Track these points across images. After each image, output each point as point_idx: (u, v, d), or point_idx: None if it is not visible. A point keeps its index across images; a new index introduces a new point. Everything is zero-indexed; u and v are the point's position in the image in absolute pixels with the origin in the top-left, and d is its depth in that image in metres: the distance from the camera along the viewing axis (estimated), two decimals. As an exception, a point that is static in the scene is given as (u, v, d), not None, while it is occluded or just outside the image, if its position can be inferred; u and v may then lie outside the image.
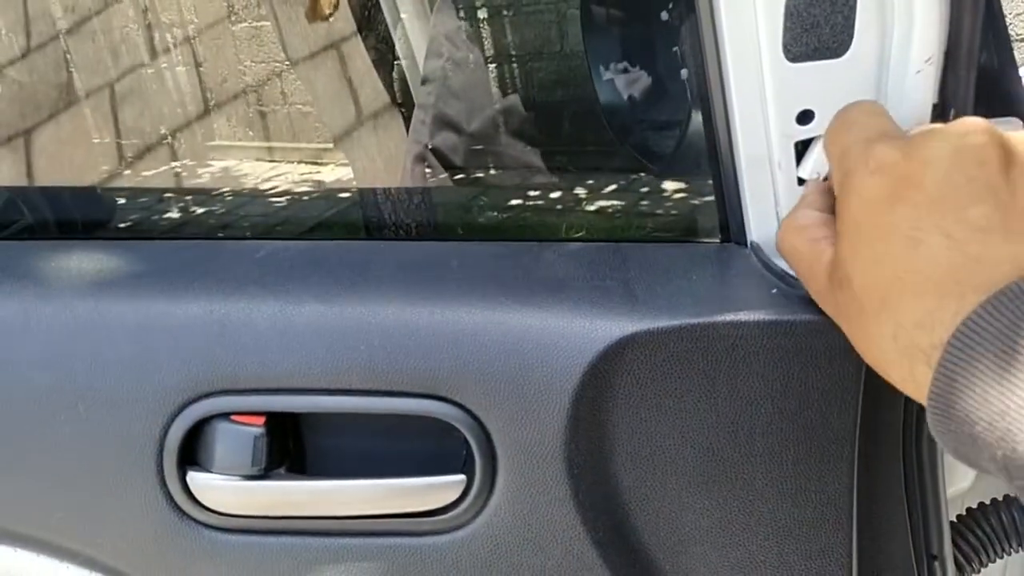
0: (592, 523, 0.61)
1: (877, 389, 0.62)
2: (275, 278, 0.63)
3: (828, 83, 0.60)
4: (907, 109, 0.60)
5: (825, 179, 0.61)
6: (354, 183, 0.86)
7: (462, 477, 0.61)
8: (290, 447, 0.63)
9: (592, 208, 0.77)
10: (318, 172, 0.91)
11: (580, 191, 0.81)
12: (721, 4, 0.57)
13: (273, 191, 0.80)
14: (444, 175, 0.87)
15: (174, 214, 0.79)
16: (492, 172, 0.89)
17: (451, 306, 0.61)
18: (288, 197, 0.80)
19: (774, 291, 0.60)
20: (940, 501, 0.67)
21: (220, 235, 0.76)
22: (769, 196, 0.64)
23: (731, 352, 0.58)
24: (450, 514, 0.61)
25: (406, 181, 0.91)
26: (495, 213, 0.78)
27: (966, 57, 0.59)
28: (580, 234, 0.73)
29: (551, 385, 0.59)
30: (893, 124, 0.52)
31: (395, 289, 0.62)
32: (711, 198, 0.68)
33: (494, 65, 0.90)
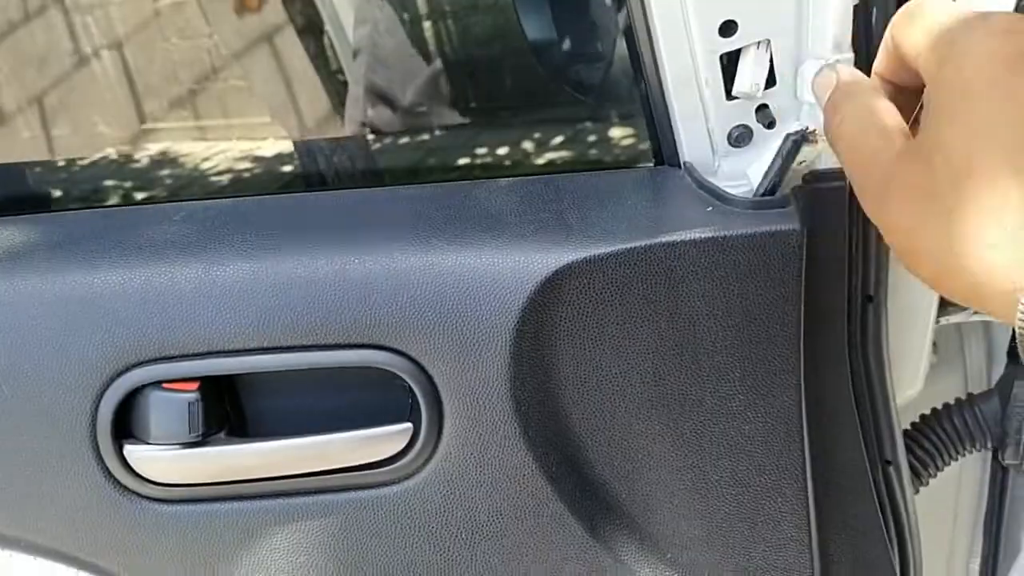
0: (544, 459, 0.60)
1: (818, 299, 0.62)
2: (197, 239, 0.61)
3: (748, -9, 0.58)
4: (831, 12, 0.58)
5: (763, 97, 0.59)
6: (274, 137, 0.83)
7: (408, 425, 0.60)
8: (228, 411, 0.61)
9: (525, 145, 0.75)
10: (258, 147, 0.88)
11: (513, 130, 0.79)
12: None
13: (186, 154, 0.76)
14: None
15: (87, 184, 0.76)
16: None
17: (382, 253, 0.59)
18: (206, 157, 0.76)
19: (709, 209, 0.59)
20: (890, 407, 0.68)
21: (136, 201, 0.73)
22: (699, 115, 0.62)
23: (669, 274, 0.57)
24: (399, 463, 0.60)
25: None
26: (425, 157, 0.76)
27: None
28: (513, 171, 0.71)
29: (490, 324, 0.58)
30: None
31: (323, 240, 0.60)
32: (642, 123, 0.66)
33: (422, 25, 0.87)
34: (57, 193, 0.76)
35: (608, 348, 0.59)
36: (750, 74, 0.60)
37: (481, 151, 0.77)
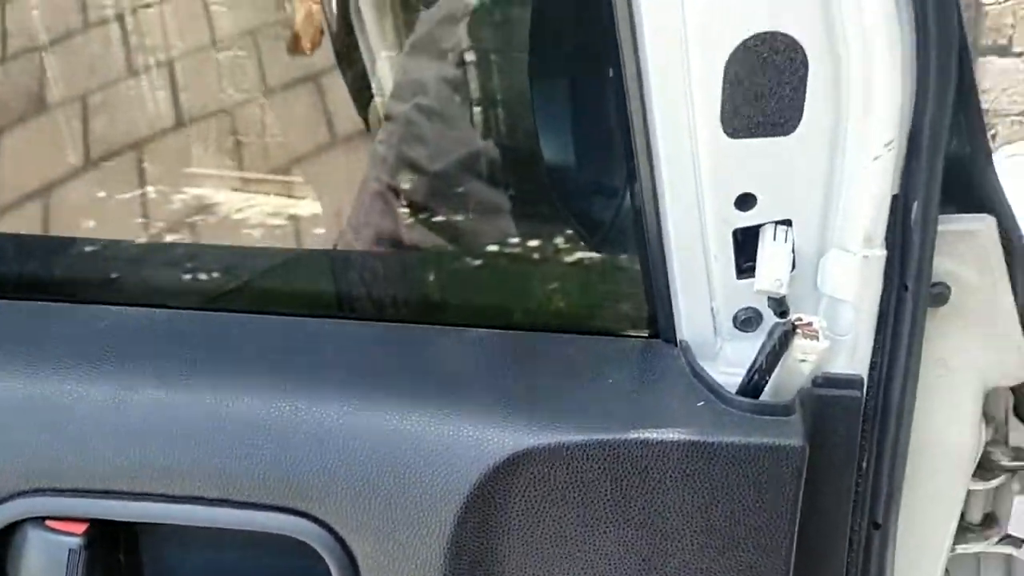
0: (475, 672, 0.51)
1: (816, 522, 0.53)
2: (115, 352, 0.54)
3: (773, 164, 0.51)
4: (865, 199, 0.52)
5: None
6: (224, 242, 0.78)
7: (318, 609, 0.51)
8: (121, 561, 0.53)
9: (506, 287, 0.68)
10: (294, 206, 0.84)
11: (497, 266, 0.72)
12: (648, 60, 0.49)
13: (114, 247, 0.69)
14: (403, 212, 0.83)
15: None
16: (454, 214, 0.84)
17: (319, 401, 0.52)
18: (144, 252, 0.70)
19: (701, 404, 0.51)
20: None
21: (58, 297, 0.65)
22: (703, 290, 0.55)
23: (644, 476, 0.49)
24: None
25: (361, 217, 0.87)
26: (390, 288, 0.69)
27: (931, 143, 0.51)
28: (487, 318, 0.63)
29: (430, 505, 0.50)
30: None
31: (256, 374, 0.53)
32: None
33: (465, 115, 0.85)
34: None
35: (564, 553, 0.50)
36: (770, 268, 0.52)
37: (462, 285, 0.70)
